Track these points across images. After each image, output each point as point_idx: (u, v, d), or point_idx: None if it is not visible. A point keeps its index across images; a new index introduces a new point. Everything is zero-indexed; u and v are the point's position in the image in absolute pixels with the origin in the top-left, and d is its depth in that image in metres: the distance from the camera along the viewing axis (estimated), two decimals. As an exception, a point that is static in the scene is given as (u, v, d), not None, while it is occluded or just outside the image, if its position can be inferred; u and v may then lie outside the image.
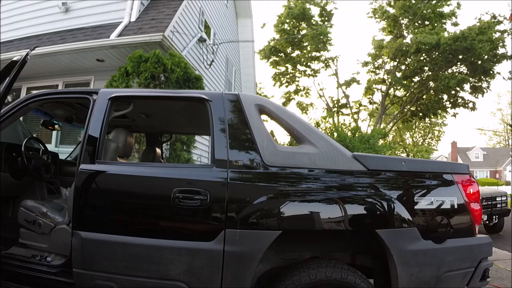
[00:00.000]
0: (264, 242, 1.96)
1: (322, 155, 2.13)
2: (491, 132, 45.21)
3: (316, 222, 2.02)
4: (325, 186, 2.09)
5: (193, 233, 2.08)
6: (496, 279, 4.10)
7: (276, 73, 23.34)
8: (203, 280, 1.98)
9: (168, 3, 7.50)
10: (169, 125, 3.81)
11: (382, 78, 22.03)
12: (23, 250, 2.56)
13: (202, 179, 2.11)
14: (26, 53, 2.63)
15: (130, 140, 2.95)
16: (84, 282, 2.09)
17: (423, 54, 18.41)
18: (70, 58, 6.98)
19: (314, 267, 2.00)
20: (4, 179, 2.70)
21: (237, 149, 2.15)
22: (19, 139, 3.19)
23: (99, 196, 2.22)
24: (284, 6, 21.20)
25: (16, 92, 7.71)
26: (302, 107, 24.89)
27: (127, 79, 5.57)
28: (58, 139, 7.36)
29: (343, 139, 12.39)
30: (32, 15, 7.68)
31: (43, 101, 2.74)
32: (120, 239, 2.06)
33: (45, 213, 2.62)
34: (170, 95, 2.66)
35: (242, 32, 13.80)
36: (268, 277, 2.20)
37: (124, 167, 2.43)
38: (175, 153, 5.97)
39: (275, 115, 2.29)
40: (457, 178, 2.18)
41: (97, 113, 2.33)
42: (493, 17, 17.65)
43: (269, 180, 2.09)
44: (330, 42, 21.12)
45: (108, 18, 7.03)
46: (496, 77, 18.38)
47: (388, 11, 20.38)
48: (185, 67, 5.87)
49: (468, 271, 2.13)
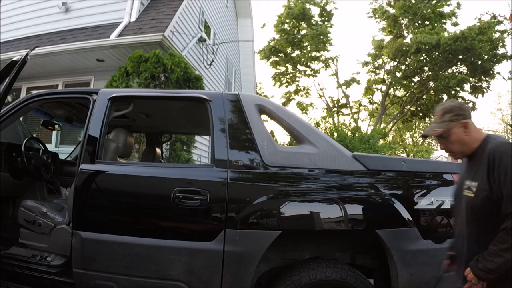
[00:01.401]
0: (264, 242, 1.96)
1: (322, 155, 2.13)
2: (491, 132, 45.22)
3: (316, 222, 2.02)
4: (325, 186, 2.09)
5: (193, 233, 2.08)
6: (496, 279, 4.09)
7: (276, 73, 23.32)
8: (203, 280, 1.98)
9: (168, 3, 7.49)
10: (169, 125, 3.81)
11: (382, 78, 22.01)
12: (23, 250, 2.56)
13: (202, 179, 2.11)
14: (26, 53, 2.63)
15: (130, 140, 2.95)
16: (84, 282, 2.09)
17: (423, 54, 18.38)
18: (70, 58, 6.98)
19: (314, 267, 2.00)
20: (4, 179, 2.70)
21: (237, 149, 2.15)
22: (19, 139, 3.19)
23: (99, 196, 2.22)
24: (284, 6, 21.18)
25: (16, 92, 7.70)
26: (302, 107, 24.86)
27: (127, 79, 5.56)
28: (58, 139, 7.36)
29: (343, 139, 12.38)
30: (32, 15, 7.68)
31: (43, 101, 2.75)
32: (120, 239, 2.06)
33: (45, 213, 2.62)
34: (170, 95, 2.66)
35: (242, 32, 13.80)
36: (268, 277, 2.20)
37: (124, 167, 2.43)
38: (175, 153, 5.97)
39: (275, 115, 2.28)
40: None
41: (97, 113, 2.33)
42: (493, 17, 17.62)
43: (269, 180, 2.09)
44: (330, 42, 21.09)
45: (108, 18, 7.02)
46: (496, 77, 18.36)
47: (388, 11, 20.35)
48: (185, 67, 5.87)
49: (468, 271, 2.13)
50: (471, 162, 1.64)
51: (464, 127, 1.60)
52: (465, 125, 1.60)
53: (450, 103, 1.68)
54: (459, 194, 1.68)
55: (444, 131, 1.61)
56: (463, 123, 1.60)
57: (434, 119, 1.68)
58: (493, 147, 1.52)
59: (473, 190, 1.55)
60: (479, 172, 1.55)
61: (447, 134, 1.62)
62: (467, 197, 1.58)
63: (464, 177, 1.66)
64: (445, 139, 1.63)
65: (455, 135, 1.61)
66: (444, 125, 1.62)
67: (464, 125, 1.60)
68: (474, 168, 1.60)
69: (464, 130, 1.60)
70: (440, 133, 1.62)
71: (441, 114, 1.64)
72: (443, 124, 1.62)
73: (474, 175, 1.57)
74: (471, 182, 1.57)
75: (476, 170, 1.57)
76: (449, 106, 1.65)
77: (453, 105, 1.65)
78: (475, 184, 1.54)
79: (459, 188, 1.71)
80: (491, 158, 1.49)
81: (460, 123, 1.60)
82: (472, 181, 1.57)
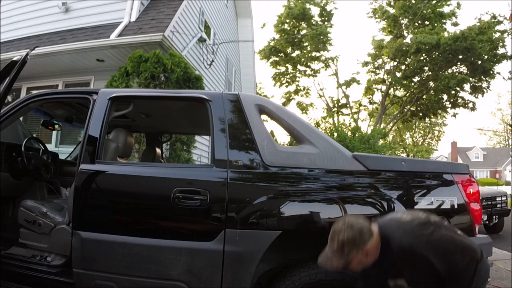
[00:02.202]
0: (264, 242, 1.96)
1: (322, 155, 2.13)
2: (491, 132, 45.19)
3: (316, 222, 2.02)
4: (325, 186, 2.09)
5: (193, 233, 2.08)
6: (496, 279, 4.10)
7: (276, 73, 23.33)
8: (203, 280, 1.98)
9: (168, 3, 7.49)
10: (169, 125, 3.81)
11: (382, 78, 22.02)
12: (23, 250, 2.56)
13: (202, 179, 2.11)
14: (26, 53, 2.63)
15: (130, 140, 2.95)
16: (84, 282, 2.09)
17: (423, 54, 18.39)
18: (70, 58, 6.98)
19: (314, 267, 2.00)
20: (4, 179, 2.70)
21: (237, 149, 2.15)
22: (19, 139, 3.19)
23: (99, 196, 2.22)
24: (284, 6, 21.20)
25: (16, 92, 7.70)
26: (302, 107, 24.87)
27: (127, 79, 5.56)
28: (58, 139, 7.36)
29: (343, 139, 12.38)
30: (32, 15, 7.67)
31: (43, 101, 2.75)
32: (120, 239, 2.06)
33: (45, 213, 2.62)
34: (170, 95, 2.66)
35: (242, 32, 13.80)
36: (268, 277, 2.20)
37: (124, 167, 2.43)
38: (175, 153, 5.97)
39: (275, 115, 2.28)
40: (457, 178, 2.17)
41: (97, 113, 2.33)
42: (493, 17, 17.63)
43: (269, 180, 2.08)
44: (330, 42, 21.12)
45: (108, 18, 7.02)
46: (496, 77, 18.37)
47: (388, 11, 20.36)
48: (185, 67, 5.87)
49: (468, 271, 2.13)
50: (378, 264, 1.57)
51: (366, 254, 1.53)
52: (366, 252, 1.52)
53: (349, 231, 1.52)
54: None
55: (345, 264, 1.53)
56: (364, 252, 1.52)
57: (332, 248, 1.54)
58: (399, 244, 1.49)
59: (406, 287, 1.52)
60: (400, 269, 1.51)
61: (347, 264, 1.54)
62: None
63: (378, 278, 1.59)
64: (346, 265, 1.55)
65: (356, 261, 1.53)
66: (344, 259, 1.52)
67: (366, 253, 1.52)
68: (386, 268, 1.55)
69: (366, 255, 1.53)
70: (341, 267, 1.54)
71: (340, 247, 1.52)
72: (343, 259, 1.52)
73: (397, 273, 1.53)
74: (397, 280, 1.53)
75: (393, 268, 1.53)
76: (349, 237, 1.51)
77: (353, 235, 1.52)
78: (403, 281, 1.52)
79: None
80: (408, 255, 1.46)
81: (361, 252, 1.52)
82: (398, 278, 1.52)
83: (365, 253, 1.52)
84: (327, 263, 1.56)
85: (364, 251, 1.52)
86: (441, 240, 1.48)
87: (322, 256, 1.59)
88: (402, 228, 1.55)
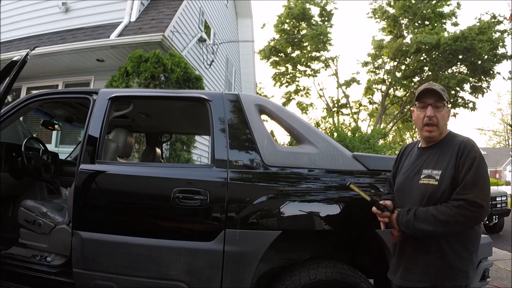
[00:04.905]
0: (264, 242, 1.96)
1: (322, 155, 2.13)
2: (491, 132, 45.22)
3: (316, 222, 2.02)
4: (325, 186, 2.09)
5: (193, 233, 2.08)
6: (496, 279, 4.10)
7: (276, 73, 23.33)
8: (203, 280, 1.98)
9: (168, 3, 7.49)
10: (169, 125, 3.81)
11: (382, 78, 22.01)
12: (23, 250, 2.56)
13: (202, 179, 2.11)
14: (26, 53, 2.62)
15: (130, 140, 2.95)
16: (84, 282, 2.09)
17: (423, 54, 18.38)
18: (70, 58, 6.98)
19: (314, 267, 2.00)
20: (4, 179, 2.70)
21: (237, 149, 2.15)
22: (19, 139, 3.19)
23: (99, 196, 2.22)
24: (284, 6, 21.20)
25: (16, 92, 7.70)
26: (302, 107, 24.88)
27: (127, 79, 5.56)
28: (58, 139, 7.36)
29: (343, 139, 12.39)
30: (32, 15, 7.67)
31: (43, 101, 2.75)
32: (120, 239, 2.06)
33: (45, 213, 2.62)
34: (170, 95, 2.66)
35: (242, 32, 13.80)
36: (268, 277, 2.20)
37: (124, 167, 2.43)
38: (175, 153, 5.97)
39: (275, 115, 2.28)
40: None
41: (97, 113, 2.33)
42: (493, 17, 17.62)
43: (269, 180, 2.08)
44: (330, 42, 21.12)
45: (108, 18, 7.02)
46: (496, 77, 18.36)
47: (388, 11, 20.35)
48: (185, 67, 5.87)
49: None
50: (430, 151, 1.66)
51: (448, 113, 1.67)
52: (448, 112, 1.67)
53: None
54: (406, 181, 1.68)
55: (445, 100, 1.64)
56: (448, 110, 1.68)
57: (436, 87, 1.65)
58: (465, 140, 1.58)
59: (436, 178, 1.55)
60: (442, 161, 1.57)
61: (444, 104, 1.63)
62: (426, 185, 1.58)
63: (417, 166, 1.66)
64: (439, 108, 1.63)
65: (445, 111, 1.65)
66: (445, 96, 1.64)
67: (448, 112, 1.67)
68: (434, 157, 1.62)
69: (448, 114, 1.67)
70: (444, 99, 1.63)
71: (442, 89, 1.65)
72: (445, 96, 1.64)
73: (436, 164, 1.59)
74: (432, 170, 1.58)
75: (438, 159, 1.59)
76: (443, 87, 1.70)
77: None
78: (437, 172, 1.56)
79: (407, 175, 1.70)
80: (462, 148, 1.54)
81: (448, 108, 1.67)
82: (434, 169, 1.58)
83: (448, 112, 1.66)
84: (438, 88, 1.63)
85: (449, 109, 1.68)
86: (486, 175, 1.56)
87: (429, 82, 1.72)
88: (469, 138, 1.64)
